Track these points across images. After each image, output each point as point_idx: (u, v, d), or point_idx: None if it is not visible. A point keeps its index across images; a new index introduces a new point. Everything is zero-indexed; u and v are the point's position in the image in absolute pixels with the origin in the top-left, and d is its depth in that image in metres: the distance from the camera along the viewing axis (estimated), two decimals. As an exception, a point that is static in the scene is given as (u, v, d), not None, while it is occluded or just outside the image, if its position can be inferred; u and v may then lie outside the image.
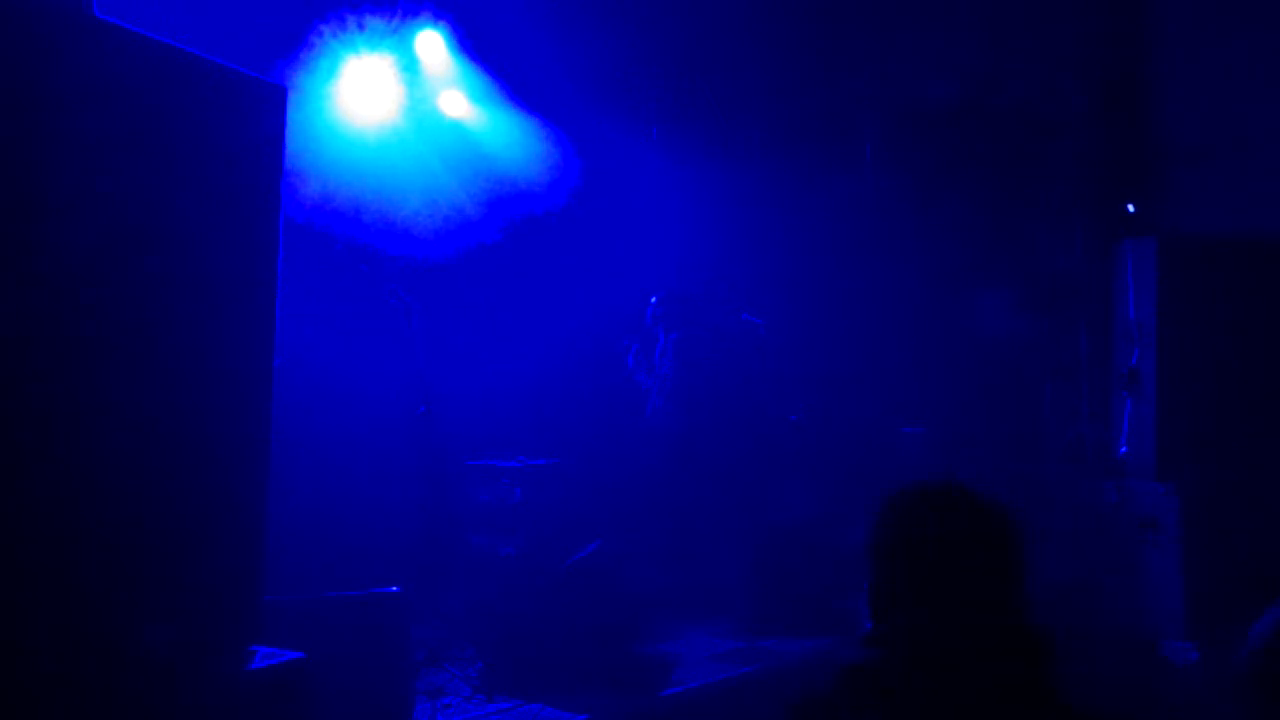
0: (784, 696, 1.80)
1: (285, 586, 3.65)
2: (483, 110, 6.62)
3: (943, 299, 7.45)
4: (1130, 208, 6.90)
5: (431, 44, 6.26)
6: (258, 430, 3.16)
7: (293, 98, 3.32)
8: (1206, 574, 5.02)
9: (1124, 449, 5.52)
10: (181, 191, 2.89)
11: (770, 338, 6.58)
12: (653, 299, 6.57)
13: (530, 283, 6.77)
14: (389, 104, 6.10)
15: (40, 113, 2.51)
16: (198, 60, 2.94)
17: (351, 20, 5.83)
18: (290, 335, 3.50)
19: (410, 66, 6.20)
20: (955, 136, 7.48)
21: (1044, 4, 7.24)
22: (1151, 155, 6.97)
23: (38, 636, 2.50)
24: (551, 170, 6.78)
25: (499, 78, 6.50)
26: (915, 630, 1.61)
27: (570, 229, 6.84)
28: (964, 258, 7.47)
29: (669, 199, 7.16)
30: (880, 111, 7.87)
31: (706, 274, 6.82)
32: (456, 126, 6.57)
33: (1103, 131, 7.18)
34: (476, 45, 6.36)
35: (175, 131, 2.86)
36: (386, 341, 5.52)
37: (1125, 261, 5.58)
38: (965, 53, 7.39)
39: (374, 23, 5.94)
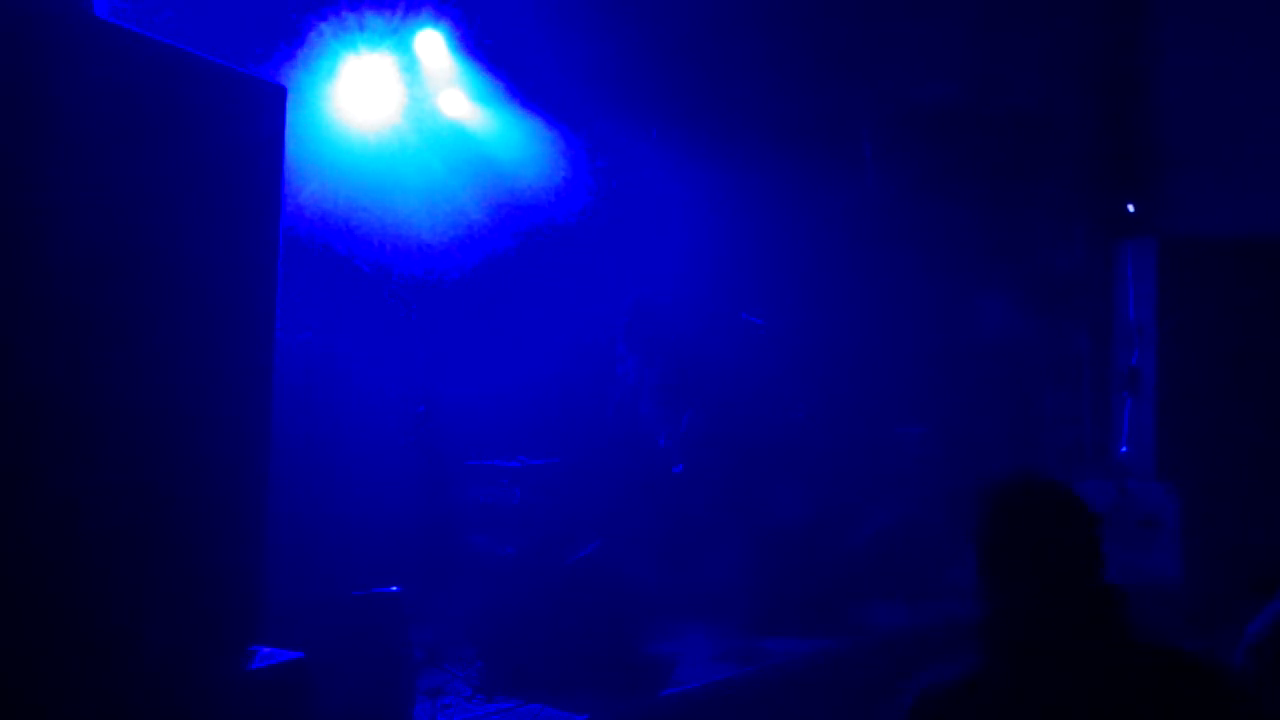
0: (785, 697, 1.85)
1: (285, 586, 3.65)
2: (483, 110, 6.61)
3: (943, 299, 7.45)
4: (1130, 208, 6.89)
5: (432, 43, 6.25)
6: (258, 430, 3.16)
7: (291, 97, 3.33)
8: (1206, 574, 5.03)
9: (1124, 449, 5.52)
10: (182, 191, 2.89)
11: (770, 338, 6.57)
12: (631, 306, 6.53)
13: (531, 282, 6.75)
14: (389, 103, 6.10)
15: (40, 113, 2.51)
16: (198, 60, 2.94)
17: (351, 18, 5.82)
18: (290, 335, 3.50)
19: (410, 66, 6.20)
20: (955, 137, 7.48)
21: (1043, 6, 7.25)
22: (1151, 156, 6.97)
23: (38, 636, 2.49)
24: (552, 171, 6.77)
25: (500, 77, 6.49)
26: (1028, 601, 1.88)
27: (570, 229, 6.83)
28: (964, 258, 7.47)
29: (668, 200, 7.16)
30: (879, 113, 7.87)
31: (705, 274, 6.80)
32: (456, 126, 6.56)
33: (1102, 132, 7.17)
34: (477, 44, 6.36)
35: (175, 131, 2.86)
36: (386, 341, 5.52)
37: (1125, 262, 5.60)
38: (965, 54, 7.39)
39: (374, 21, 5.93)
